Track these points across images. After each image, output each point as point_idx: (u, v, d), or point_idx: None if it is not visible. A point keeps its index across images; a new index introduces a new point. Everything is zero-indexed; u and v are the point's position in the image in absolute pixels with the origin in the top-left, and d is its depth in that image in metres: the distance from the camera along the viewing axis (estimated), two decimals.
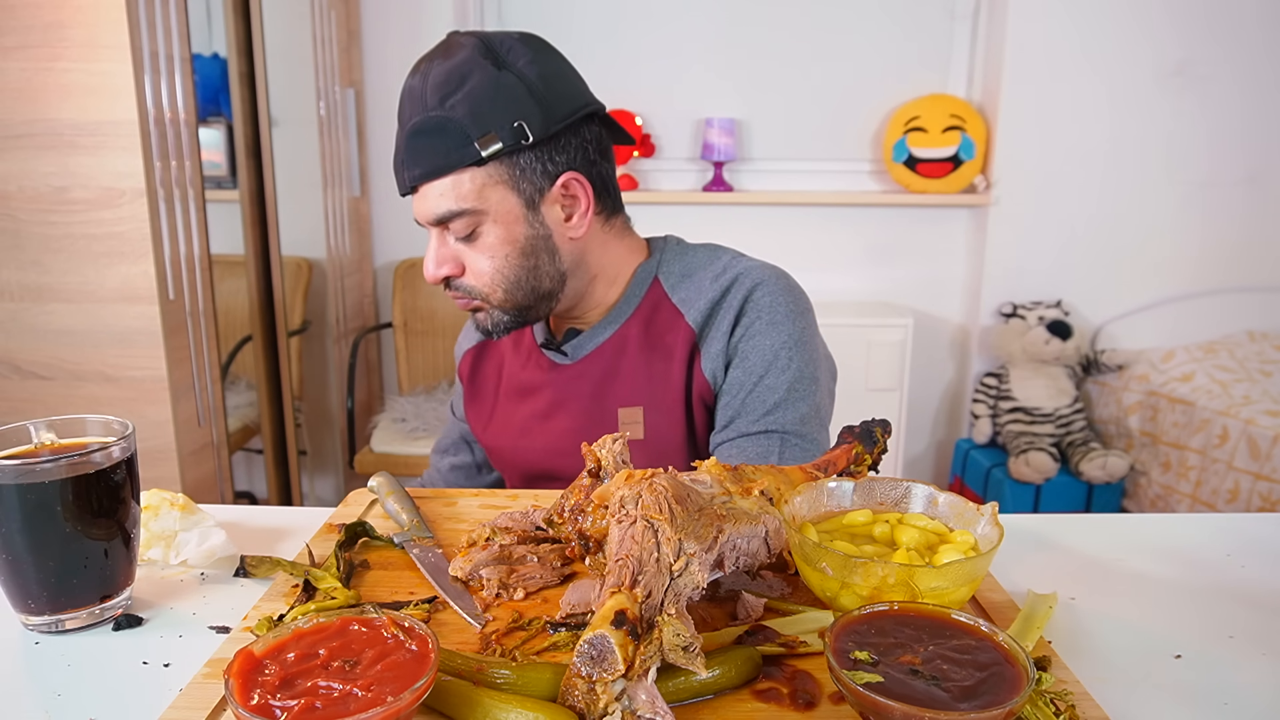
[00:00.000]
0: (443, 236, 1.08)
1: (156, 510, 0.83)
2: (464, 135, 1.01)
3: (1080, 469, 2.97)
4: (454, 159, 1.02)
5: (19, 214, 1.93)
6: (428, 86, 1.02)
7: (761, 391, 1.09)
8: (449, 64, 1.02)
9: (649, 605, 0.56)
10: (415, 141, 1.03)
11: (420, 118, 1.02)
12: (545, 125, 1.03)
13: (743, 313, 1.12)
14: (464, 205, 1.04)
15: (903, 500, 0.76)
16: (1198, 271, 3.19)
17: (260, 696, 0.51)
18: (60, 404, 2.02)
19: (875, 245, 3.31)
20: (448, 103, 1.01)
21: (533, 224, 1.07)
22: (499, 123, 1.01)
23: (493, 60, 1.03)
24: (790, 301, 1.14)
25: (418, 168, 1.03)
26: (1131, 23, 3.01)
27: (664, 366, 1.13)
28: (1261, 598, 0.78)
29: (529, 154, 1.04)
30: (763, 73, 3.25)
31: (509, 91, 1.02)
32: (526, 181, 1.05)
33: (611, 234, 1.16)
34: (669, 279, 1.17)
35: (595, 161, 1.10)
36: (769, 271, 1.16)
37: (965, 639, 0.56)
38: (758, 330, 1.11)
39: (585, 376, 1.17)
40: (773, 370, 1.10)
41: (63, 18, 1.83)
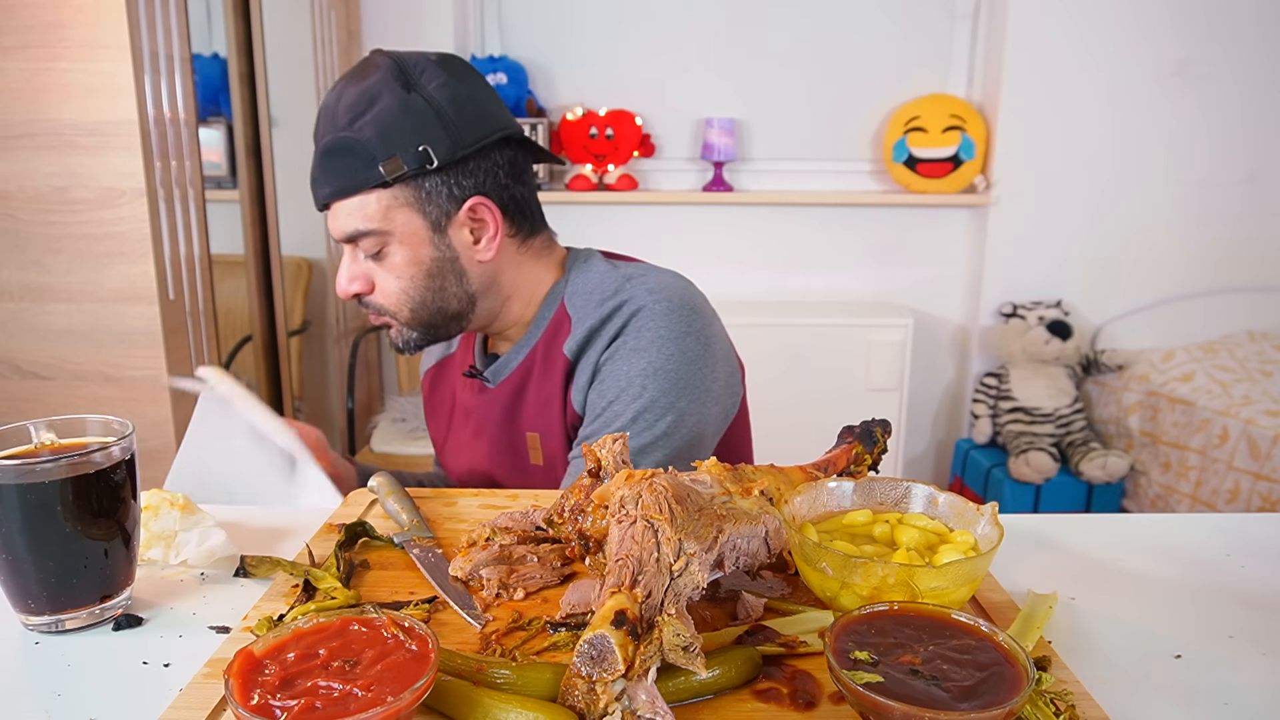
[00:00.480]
0: (354, 254, 1.10)
1: (156, 510, 0.83)
2: (370, 157, 1.03)
3: (1080, 469, 2.97)
4: (360, 180, 1.04)
5: (19, 214, 1.93)
6: (340, 106, 1.04)
7: (608, 417, 1.08)
8: (361, 85, 1.04)
9: (649, 605, 0.56)
10: (325, 160, 1.05)
11: (330, 137, 1.04)
12: (452, 149, 1.04)
13: (615, 337, 1.10)
14: (370, 226, 1.05)
15: (903, 500, 0.76)
16: (1198, 271, 3.19)
17: (260, 696, 0.51)
18: (60, 404, 2.01)
19: (875, 245, 3.31)
20: (356, 124, 1.03)
21: (439, 246, 1.08)
22: (404, 146, 1.03)
23: (403, 83, 1.04)
24: (665, 326, 1.08)
25: (327, 186, 1.06)
26: (1132, 22, 3.01)
27: (550, 394, 1.14)
28: (1261, 598, 0.78)
29: (434, 178, 1.05)
30: (762, 73, 3.25)
31: (416, 115, 1.03)
32: (432, 205, 1.06)
33: (528, 255, 1.16)
34: (572, 299, 1.15)
35: (507, 185, 1.11)
36: (657, 294, 1.11)
37: (965, 639, 0.56)
38: (621, 356, 1.09)
39: (499, 401, 1.18)
40: (623, 397, 1.07)
41: (63, 18, 1.82)
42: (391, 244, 1.07)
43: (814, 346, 3.07)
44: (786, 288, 3.35)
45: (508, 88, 3.09)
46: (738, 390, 1.19)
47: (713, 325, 1.15)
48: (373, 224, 1.06)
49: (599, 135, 3.13)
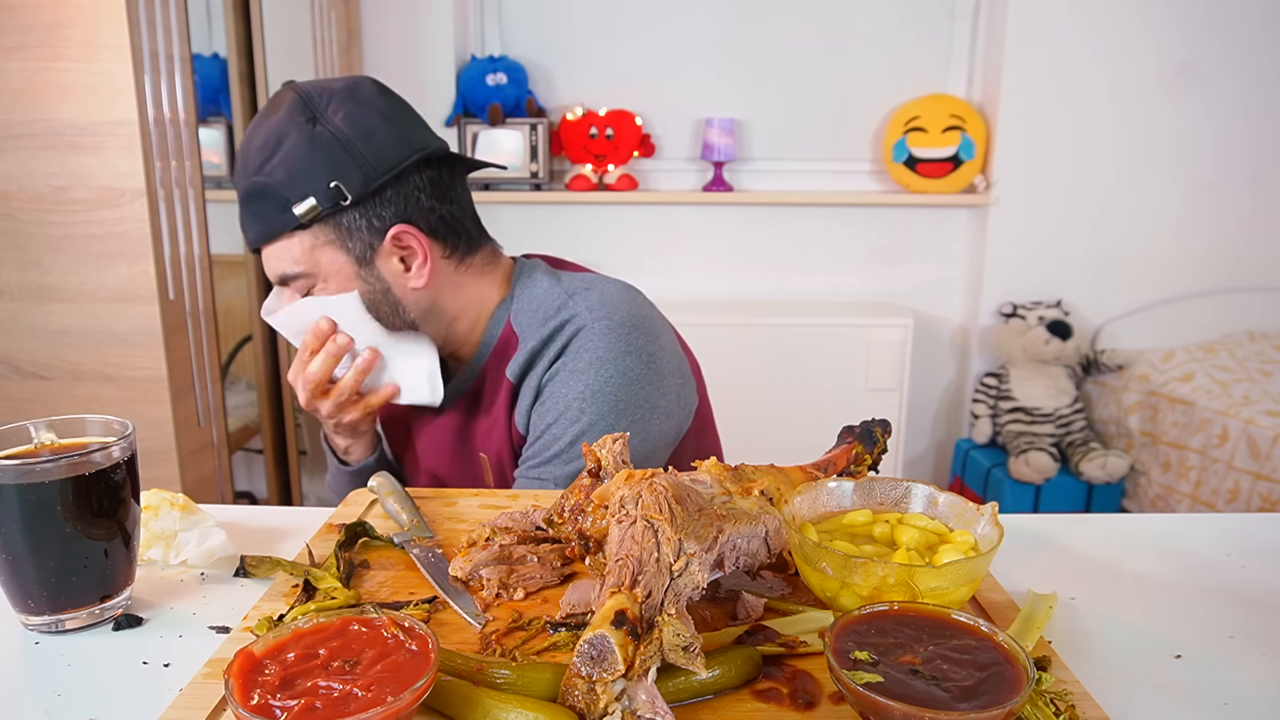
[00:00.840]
0: (291, 294, 1.09)
1: (156, 510, 0.83)
2: (283, 200, 1.01)
3: (1080, 469, 2.97)
4: (277, 224, 1.03)
5: (19, 214, 1.93)
6: (250, 149, 1.03)
7: (547, 439, 1.06)
8: (268, 125, 1.03)
9: (649, 605, 0.56)
10: (244, 207, 1.05)
11: (244, 183, 1.04)
12: (365, 181, 1.02)
13: (557, 359, 1.08)
14: (296, 268, 1.05)
15: (903, 500, 0.76)
16: (1198, 271, 3.19)
17: (260, 696, 0.51)
18: (60, 404, 2.01)
19: (875, 245, 3.32)
20: (266, 167, 1.02)
21: (368, 280, 1.06)
22: (315, 185, 1.01)
23: (309, 117, 1.01)
24: (605, 346, 1.06)
25: (248, 233, 1.06)
26: (1133, 22, 3.01)
27: (496, 416, 1.12)
28: (1261, 598, 0.78)
29: (351, 213, 1.03)
30: (762, 73, 3.25)
31: (324, 151, 1.01)
32: (354, 240, 1.04)
33: (468, 274, 1.13)
34: (518, 317, 1.13)
35: (432, 207, 1.07)
36: (599, 311, 1.09)
37: (965, 639, 0.56)
38: (560, 378, 1.07)
39: (450, 422, 1.17)
40: (562, 420, 1.06)
41: (63, 18, 1.82)
42: (319, 283, 1.06)
43: (814, 346, 3.07)
44: (786, 288, 3.35)
45: (508, 88, 3.09)
46: (691, 400, 1.16)
47: (658, 340, 1.11)
48: (298, 266, 1.05)
49: (599, 135, 3.13)
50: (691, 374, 1.19)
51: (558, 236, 3.29)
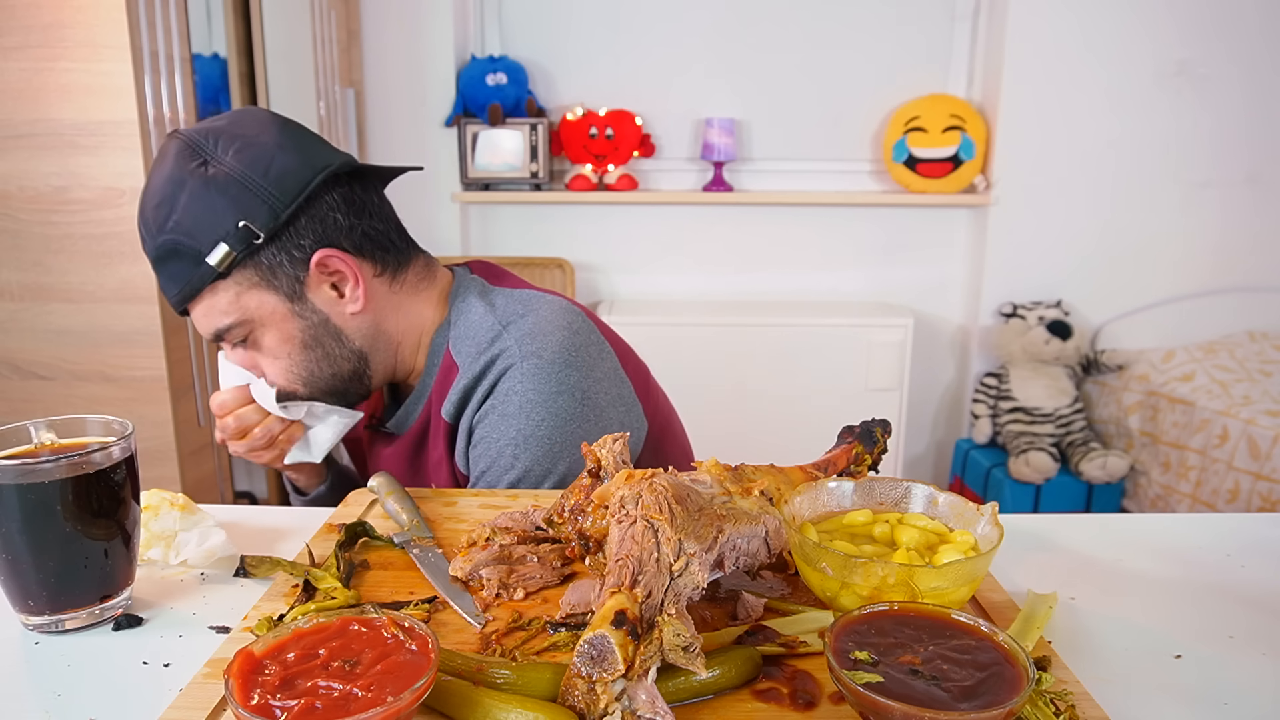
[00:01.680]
0: (230, 349, 1.05)
1: (156, 510, 0.83)
2: (196, 254, 0.97)
3: (1080, 469, 2.97)
4: (195, 281, 0.98)
5: (19, 214, 1.93)
6: (149, 209, 0.98)
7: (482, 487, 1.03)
8: (161, 179, 0.98)
9: (649, 605, 0.56)
10: (159, 270, 1.01)
11: (152, 245, 0.99)
12: (273, 214, 0.97)
13: (486, 399, 1.03)
14: (228, 320, 1.01)
15: (903, 500, 0.76)
16: (1198, 271, 3.19)
17: (260, 696, 0.51)
18: (60, 404, 2.01)
19: (875, 245, 3.32)
20: (169, 224, 0.97)
21: (304, 314, 1.02)
22: (223, 229, 0.96)
23: (199, 162, 0.96)
24: (534, 388, 1.01)
25: (170, 295, 1.01)
26: (1132, 22, 3.01)
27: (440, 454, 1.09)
28: (1261, 598, 0.78)
29: (268, 249, 0.98)
30: (763, 73, 3.25)
31: (223, 193, 0.96)
32: (279, 276, 1.00)
33: (403, 293, 1.08)
34: (457, 347, 1.08)
35: (352, 225, 1.03)
36: (530, 346, 1.03)
37: (965, 639, 0.56)
38: (490, 422, 1.02)
39: (402, 454, 1.13)
40: (494, 469, 1.02)
41: (63, 18, 1.83)
42: (256, 329, 1.02)
43: (814, 346, 3.08)
44: (787, 288, 3.35)
45: (508, 88, 3.09)
46: (640, 425, 1.11)
47: (593, 373, 1.05)
48: (230, 317, 1.00)
49: (599, 135, 3.13)
50: (636, 398, 1.11)
51: (558, 236, 3.29)
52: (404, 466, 1.13)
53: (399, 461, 1.14)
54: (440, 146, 3.18)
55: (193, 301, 1.01)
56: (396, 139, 3.18)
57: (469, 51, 3.23)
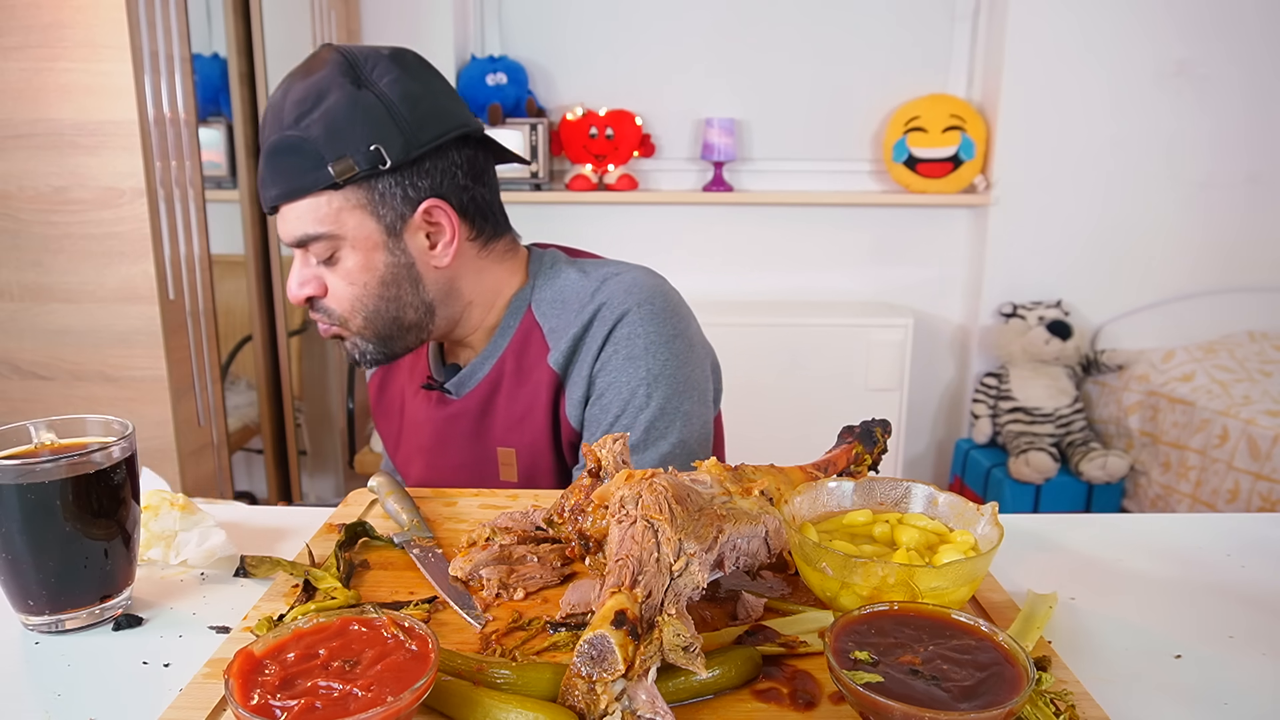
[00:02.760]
0: (305, 257, 1.04)
1: (156, 510, 0.83)
2: (318, 157, 0.97)
3: (1080, 469, 2.97)
4: (308, 181, 0.98)
5: (19, 214, 1.93)
6: (286, 103, 0.98)
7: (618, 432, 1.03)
8: (309, 81, 0.98)
9: (649, 605, 0.56)
10: (271, 161, 0.99)
11: (276, 137, 0.98)
12: (406, 148, 0.98)
13: (604, 346, 1.06)
14: (320, 229, 1.00)
15: (903, 500, 0.76)
16: (1198, 272, 3.19)
17: (260, 696, 0.51)
18: (60, 404, 2.01)
19: (875, 245, 3.32)
20: (303, 122, 0.97)
21: (394, 252, 1.03)
22: (355, 145, 0.97)
23: (352, 79, 0.98)
24: (654, 330, 1.06)
25: (274, 188, 1.00)
26: (1132, 22, 3.01)
27: (531, 407, 1.09)
28: (1261, 598, 0.78)
29: (388, 179, 1.00)
30: (762, 73, 3.25)
31: (367, 112, 0.97)
32: (386, 207, 1.01)
33: (489, 259, 1.11)
34: (540, 307, 1.11)
35: (466, 186, 1.05)
36: (636, 296, 1.08)
37: (965, 639, 0.56)
38: (615, 365, 1.05)
39: (465, 415, 1.13)
40: (629, 409, 1.04)
41: (63, 18, 1.83)
42: (344, 249, 1.01)
43: (814, 346, 3.07)
44: (786, 288, 3.35)
45: (508, 88, 3.09)
46: (719, 386, 1.18)
47: (692, 323, 1.12)
48: (323, 227, 1.00)
49: (599, 135, 3.13)
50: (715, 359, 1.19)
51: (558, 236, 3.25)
52: (468, 426, 1.13)
53: (463, 420, 1.13)
54: None
55: (292, 201, 1.00)
56: None
57: (469, 51, 3.23)
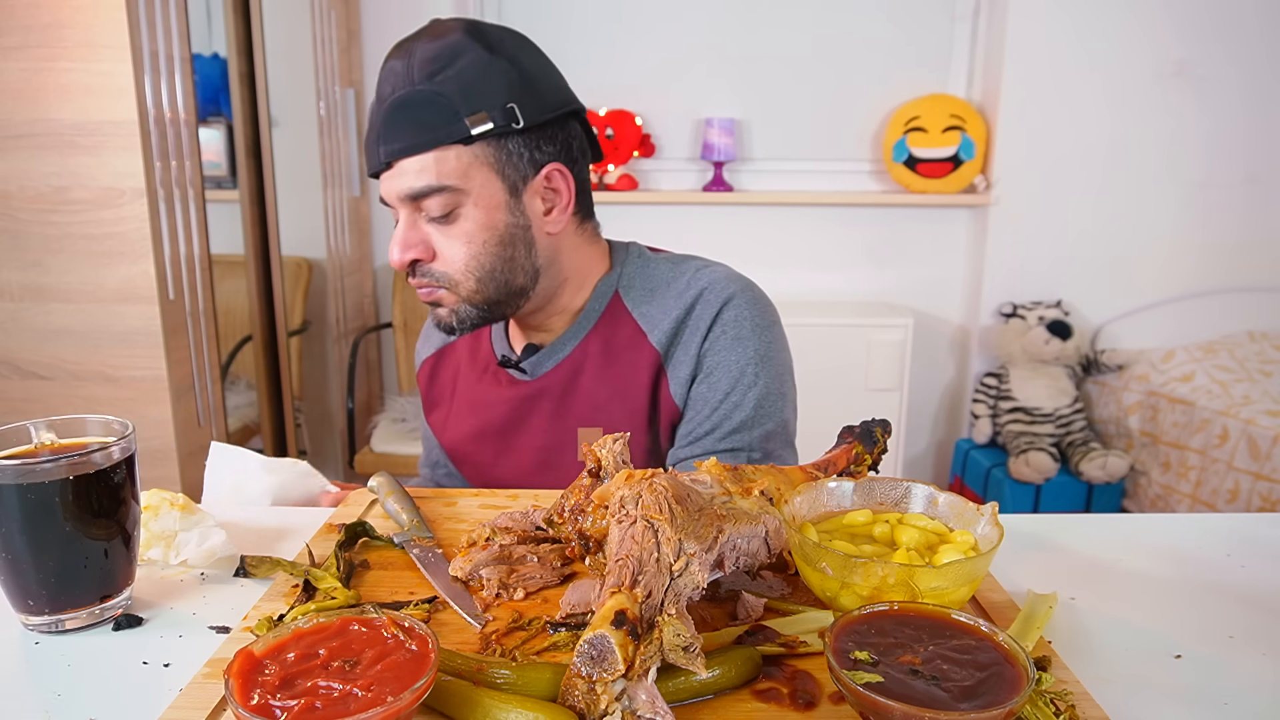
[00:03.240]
0: (414, 218, 1.02)
1: (156, 510, 0.83)
2: (453, 111, 0.97)
3: (1080, 469, 2.97)
4: (440, 134, 0.98)
5: (19, 214, 1.93)
6: (414, 63, 0.98)
7: (727, 408, 1.07)
8: (438, 43, 0.99)
9: (649, 605, 0.56)
10: (398, 114, 0.98)
11: (405, 92, 0.98)
12: (537, 111, 1.01)
13: (711, 328, 1.09)
14: (445, 182, 0.99)
15: (903, 500, 0.76)
16: (1198, 271, 3.19)
17: (260, 696, 0.51)
18: (60, 404, 2.02)
19: (875, 245, 3.32)
20: (436, 78, 0.98)
21: (514, 212, 1.04)
22: (490, 103, 0.99)
23: (484, 44, 1.00)
24: (758, 315, 1.11)
25: (398, 142, 0.99)
26: (1131, 23, 3.01)
27: (624, 387, 1.10)
28: (1261, 598, 0.78)
29: (517, 139, 1.01)
30: (763, 73, 3.25)
31: (501, 75, 1.00)
32: (512, 167, 1.02)
33: (583, 239, 1.13)
34: (630, 294, 1.13)
35: (577, 160, 1.09)
36: (737, 283, 1.12)
37: (965, 639, 0.56)
38: (723, 345, 1.08)
39: (545, 395, 1.13)
40: (739, 387, 1.07)
41: (63, 18, 1.83)
42: (466, 205, 1.01)
43: (814, 346, 3.07)
44: (787, 287, 3.35)
45: None
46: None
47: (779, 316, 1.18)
48: (449, 180, 0.99)
49: (599, 135, 3.12)
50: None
51: None
52: (548, 406, 1.13)
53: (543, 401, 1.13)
54: None
55: (418, 154, 0.99)
56: None
57: None
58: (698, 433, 1.08)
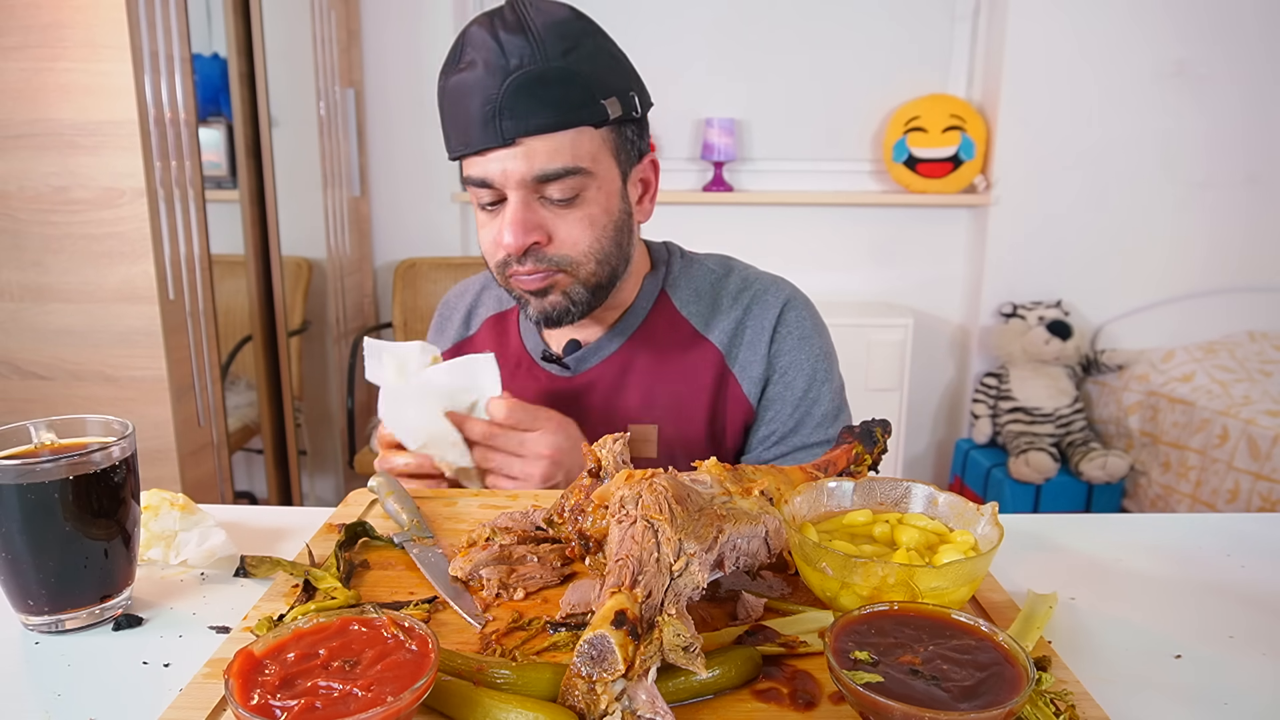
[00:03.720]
0: (529, 200, 0.98)
1: (156, 510, 0.83)
2: (589, 92, 0.95)
3: (1080, 469, 2.97)
4: (582, 114, 0.95)
5: (19, 214, 1.93)
6: (541, 37, 0.93)
7: (807, 405, 1.11)
8: (555, 20, 0.95)
9: (649, 605, 0.56)
10: (536, 89, 0.93)
11: (542, 66, 0.93)
12: (645, 102, 1.02)
13: (776, 330, 1.13)
14: (581, 164, 0.96)
15: (903, 500, 0.76)
16: (1198, 271, 3.19)
17: (260, 696, 0.51)
18: (60, 404, 2.02)
19: (875, 245, 3.32)
20: (570, 56, 0.94)
21: (624, 199, 1.04)
22: (617, 88, 0.98)
23: (597, 31, 0.99)
24: (814, 314, 1.17)
25: (533, 118, 0.93)
26: (1131, 23, 3.01)
27: (684, 386, 1.11)
28: (1261, 598, 0.78)
29: (632, 126, 1.02)
30: (763, 72, 3.25)
31: (619, 61, 1.00)
32: (624, 154, 1.02)
33: (639, 235, 1.14)
34: (677, 293, 1.15)
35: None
36: (788, 286, 1.18)
37: (965, 639, 0.56)
38: (791, 346, 1.13)
39: (592, 391, 1.13)
40: (814, 383, 1.13)
41: (63, 18, 1.83)
42: (591, 188, 0.98)
43: None
44: None
45: None
46: None
47: None
48: (583, 163, 0.96)
49: None
50: None
51: None
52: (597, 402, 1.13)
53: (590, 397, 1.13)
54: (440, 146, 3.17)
55: (553, 132, 0.95)
56: (396, 139, 3.18)
57: None
58: (781, 431, 1.12)
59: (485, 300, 1.27)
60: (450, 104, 0.98)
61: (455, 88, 0.96)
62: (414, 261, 3.17)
